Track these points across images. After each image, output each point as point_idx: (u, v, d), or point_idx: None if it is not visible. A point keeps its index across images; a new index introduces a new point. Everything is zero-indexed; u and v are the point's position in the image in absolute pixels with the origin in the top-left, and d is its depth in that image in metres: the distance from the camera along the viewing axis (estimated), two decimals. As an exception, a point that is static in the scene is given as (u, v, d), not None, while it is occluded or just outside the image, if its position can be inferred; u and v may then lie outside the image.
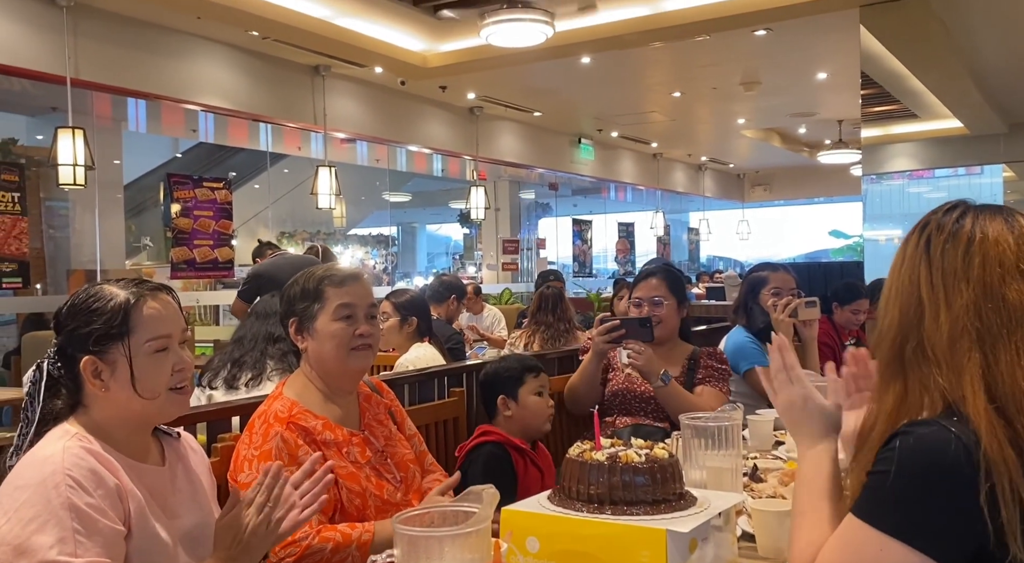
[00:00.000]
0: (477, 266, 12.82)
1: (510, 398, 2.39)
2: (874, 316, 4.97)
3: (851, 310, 3.96)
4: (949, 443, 1.00)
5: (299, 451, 1.67)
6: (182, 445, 1.52)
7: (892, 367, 1.12)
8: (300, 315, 1.81)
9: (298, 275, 1.88)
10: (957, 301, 1.09)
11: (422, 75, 7.55)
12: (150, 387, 1.35)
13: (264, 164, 9.31)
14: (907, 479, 1.02)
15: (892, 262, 1.19)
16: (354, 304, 1.81)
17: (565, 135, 11.08)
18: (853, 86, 6.46)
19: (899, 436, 1.04)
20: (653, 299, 2.75)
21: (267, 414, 1.74)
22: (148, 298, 1.38)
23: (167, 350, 1.38)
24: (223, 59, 6.79)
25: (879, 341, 1.16)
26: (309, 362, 1.82)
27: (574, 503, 1.37)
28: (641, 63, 7.91)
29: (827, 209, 17.12)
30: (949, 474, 0.99)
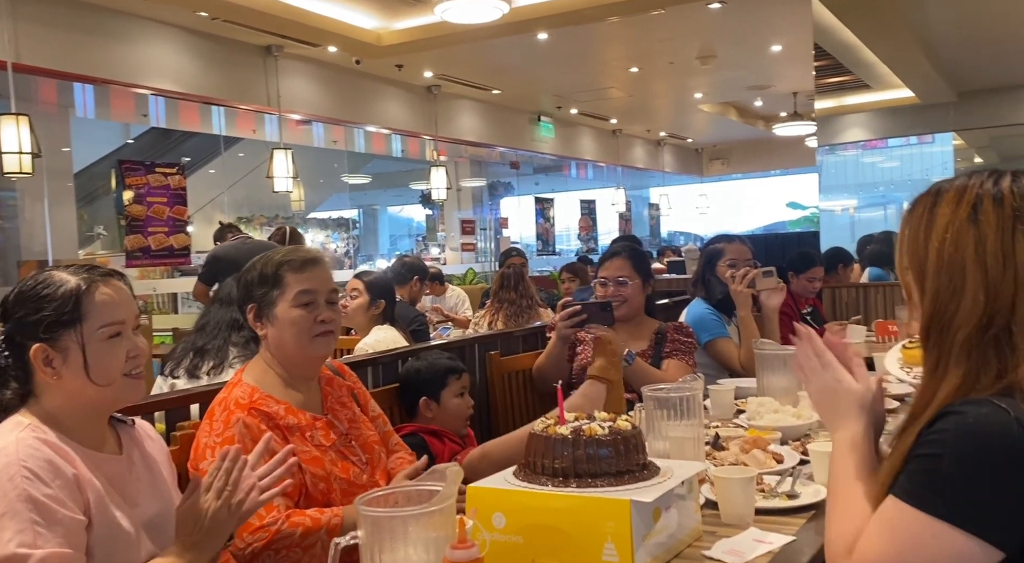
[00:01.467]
0: (441, 247, 12.76)
1: (432, 400, 2.36)
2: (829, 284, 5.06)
3: (806, 278, 4.02)
4: (1010, 424, 0.95)
5: (262, 436, 1.65)
6: (138, 433, 1.50)
7: (959, 354, 1.03)
8: (259, 301, 1.78)
9: (255, 260, 1.83)
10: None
11: (377, 54, 7.44)
12: (104, 374, 1.33)
13: (218, 148, 9.14)
14: (964, 462, 0.96)
15: (954, 238, 1.06)
16: (315, 290, 1.77)
17: (525, 113, 11.03)
18: (806, 58, 6.52)
19: (949, 416, 0.99)
20: (618, 279, 2.78)
21: (227, 401, 1.71)
22: (100, 284, 1.35)
23: (120, 336, 1.36)
24: (172, 41, 6.62)
25: (949, 323, 1.05)
26: (269, 348, 1.79)
27: (539, 477, 1.38)
28: (598, 38, 7.89)
29: (784, 181, 17.33)
30: (1010, 456, 0.94)
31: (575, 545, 1.30)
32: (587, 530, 1.29)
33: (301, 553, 1.56)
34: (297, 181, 7.85)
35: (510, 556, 1.33)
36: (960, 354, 1.04)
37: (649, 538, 1.30)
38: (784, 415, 2.17)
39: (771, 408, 2.22)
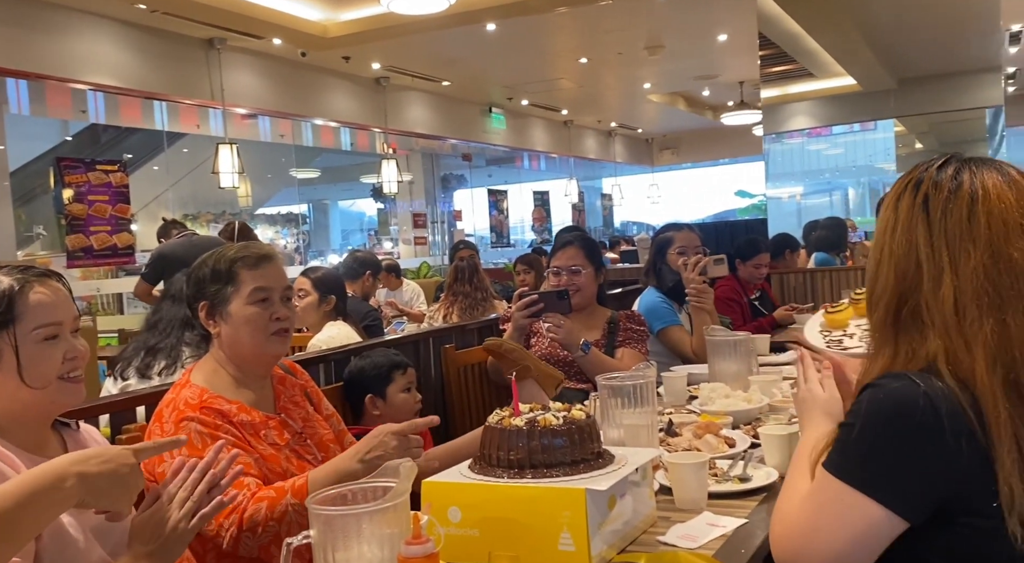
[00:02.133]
0: (394, 241, 12.66)
1: (378, 397, 2.33)
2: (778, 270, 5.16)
3: (753, 265, 4.10)
4: (917, 398, 0.99)
5: (219, 431, 1.62)
6: (83, 437, 1.45)
7: (885, 330, 1.09)
8: (212, 298, 1.73)
9: (206, 256, 1.78)
10: (965, 265, 1.04)
11: (323, 46, 7.33)
12: (39, 376, 1.29)
13: (161, 144, 8.92)
14: (871, 431, 1.01)
15: (880, 222, 1.13)
16: (270, 287, 1.73)
17: (476, 105, 10.99)
18: (752, 47, 6.61)
19: (869, 388, 1.04)
20: (571, 268, 2.78)
21: (175, 402, 1.66)
22: (35, 284, 1.31)
23: (57, 338, 1.32)
24: (110, 35, 6.43)
25: (873, 303, 1.11)
26: (222, 347, 1.75)
27: (495, 470, 1.38)
28: (547, 29, 7.89)
29: (732, 170, 17.59)
30: (914, 429, 0.98)
31: (531, 536, 1.30)
32: (543, 520, 1.29)
33: (278, 526, 1.51)
34: (244, 176, 7.70)
35: (466, 550, 1.32)
36: (884, 333, 1.09)
37: (605, 526, 1.31)
38: (735, 400, 2.21)
39: (722, 393, 2.25)
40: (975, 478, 0.99)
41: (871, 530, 1.01)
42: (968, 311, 1.03)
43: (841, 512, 1.02)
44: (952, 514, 1.00)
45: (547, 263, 2.94)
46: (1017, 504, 0.97)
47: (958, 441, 0.98)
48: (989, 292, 1.03)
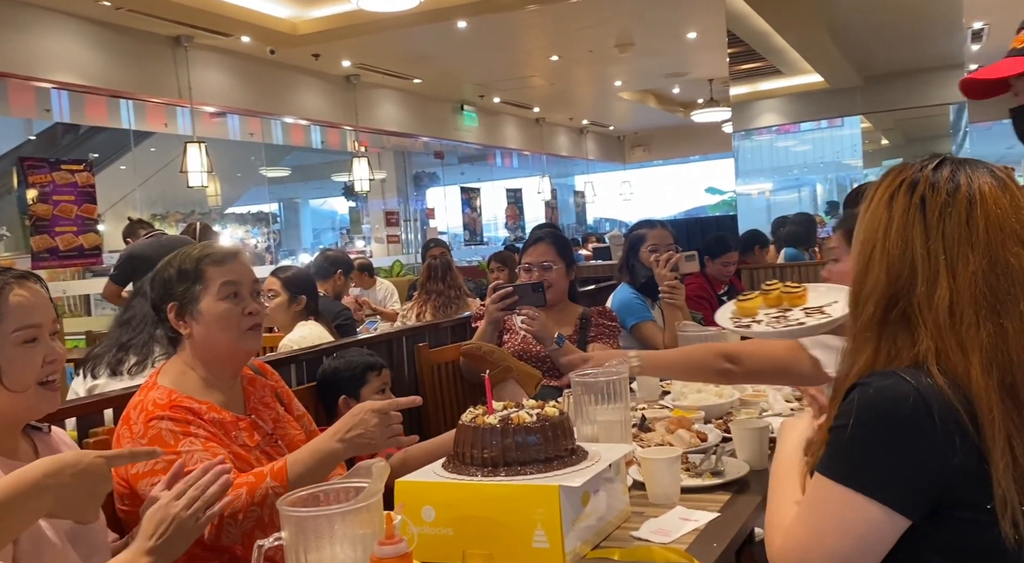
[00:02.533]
0: (366, 240, 12.59)
1: (352, 398, 2.30)
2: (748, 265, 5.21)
3: (721, 262, 4.13)
4: (908, 395, 0.99)
5: (190, 426, 1.60)
6: (54, 440, 1.43)
7: (869, 329, 1.08)
8: (180, 298, 1.70)
9: (170, 257, 1.76)
10: (963, 269, 1.03)
11: (292, 43, 7.27)
12: (18, 380, 1.27)
13: (128, 143, 8.79)
14: (864, 430, 1.00)
15: (871, 219, 1.11)
16: (239, 281, 1.71)
17: (447, 102, 10.96)
18: (721, 45, 6.66)
19: (857, 387, 1.03)
20: (543, 264, 2.80)
21: (143, 403, 1.64)
22: (14, 286, 1.29)
23: (36, 341, 1.30)
24: (74, 32, 6.32)
25: (860, 301, 1.10)
26: (193, 348, 1.72)
27: (468, 468, 1.37)
28: (518, 27, 7.89)
29: (703, 166, 17.71)
30: (906, 425, 0.98)
31: (505, 533, 1.30)
32: (517, 518, 1.29)
33: (260, 510, 1.50)
34: (213, 175, 7.61)
35: (440, 549, 1.32)
36: (868, 331, 1.08)
37: (579, 522, 1.31)
38: (707, 395, 2.22)
39: (694, 388, 2.27)
40: (970, 474, 0.99)
41: (873, 531, 1.00)
42: (965, 315, 1.03)
43: (842, 515, 1.00)
44: (950, 509, 1.01)
45: (519, 260, 2.92)
46: (1010, 507, 0.97)
47: (950, 437, 0.98)
48: (987, 297, 1.03)
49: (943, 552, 1.01)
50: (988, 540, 0.99)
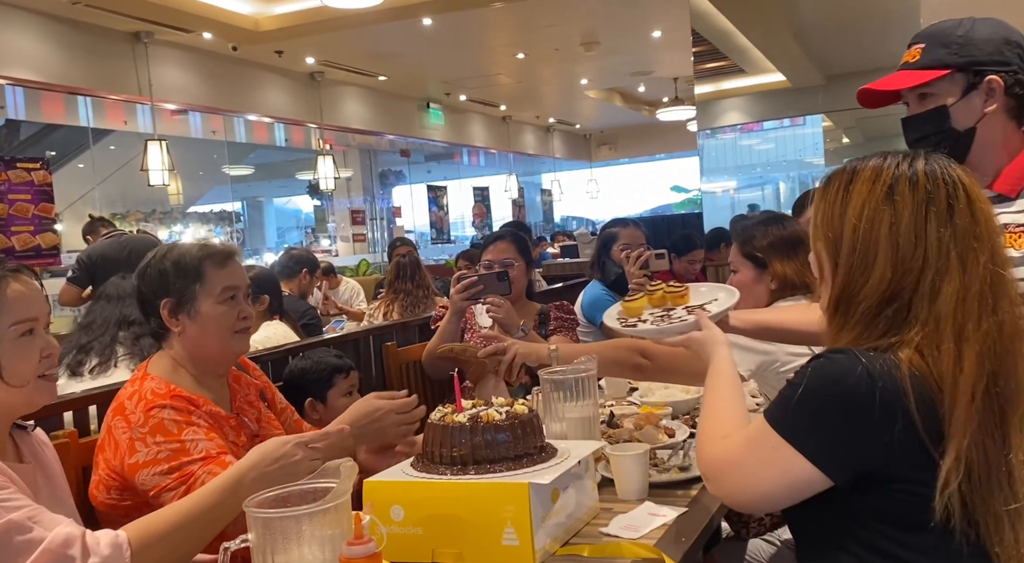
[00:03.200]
0: (331, 239, 12.48)
1: (318, 401, 2.28)
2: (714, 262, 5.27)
3: (687, 260, 4.18)
4: (855, 368, 1.05)
5: (192, 416, 1.58)
6: (35, 439, 1.40)
7: (861, 319, 1.11)
8: (178, 295, 1.67)
9: (163, 250, 1.73)
10: (973, 263, 1.06)
11: (255, 39, 7.18)
12: (18, 374, 1.25)
13: (86, 141, 8.61)
14: (808, 394, 1.08)
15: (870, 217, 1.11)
16: (238, 285, 1.71)
17: (413, 100, 10.91)
18: (685, 44, 6.71)
19: (817, 358, 1.11)
20: (504, 261, 2.81)
21: (140, 393, 1.60)
22: (10, 279, 1.27)
23: (33, 333, 1.28)
24: (29, 27, 6.17)
25: (854, 294, 1.11)
26: (184, 345, 1.69)
27: (438, 467, 1.37)
28: (483, 24, 7.88)
29: (668, 165, 17.86)
30: (847, 398, 1.05)
31: (475, 531, 1.29)
32: (487, 516, 1.29)
33: None
34: (174, 174, 7.50)
35: (410, 548, 1.31)
36: (858, 322, 1.12)
37: (548, 519, 1.31)
38: (674, 391, 2.24)
39: (661, 384, 2.28)
40: (904, 455, 1.05)
41: (798, 481, 1.09)
42: (970, 308, 1.06)
43: (775, 461, 1.10)
44: (880, 482, 1.07)
45: (480, 258, 2.95)
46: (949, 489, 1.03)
47: (890, 418, 1.03)
48: (991, 290, 1.07)
49: (875, 517, 1.09)
50: (915, 514, 1.06)
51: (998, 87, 1.54)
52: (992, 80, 1.54)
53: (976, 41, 1.56)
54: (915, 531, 1.07)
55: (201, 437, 1.55)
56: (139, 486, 1.51)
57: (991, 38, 1.56)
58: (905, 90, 1.61)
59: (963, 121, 1.57)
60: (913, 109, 1.63)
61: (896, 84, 1.61)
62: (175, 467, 1.50)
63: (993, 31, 1.57)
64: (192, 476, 1.49)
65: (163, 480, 1.49)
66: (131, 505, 1.55)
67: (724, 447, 1.18)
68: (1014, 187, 1.58)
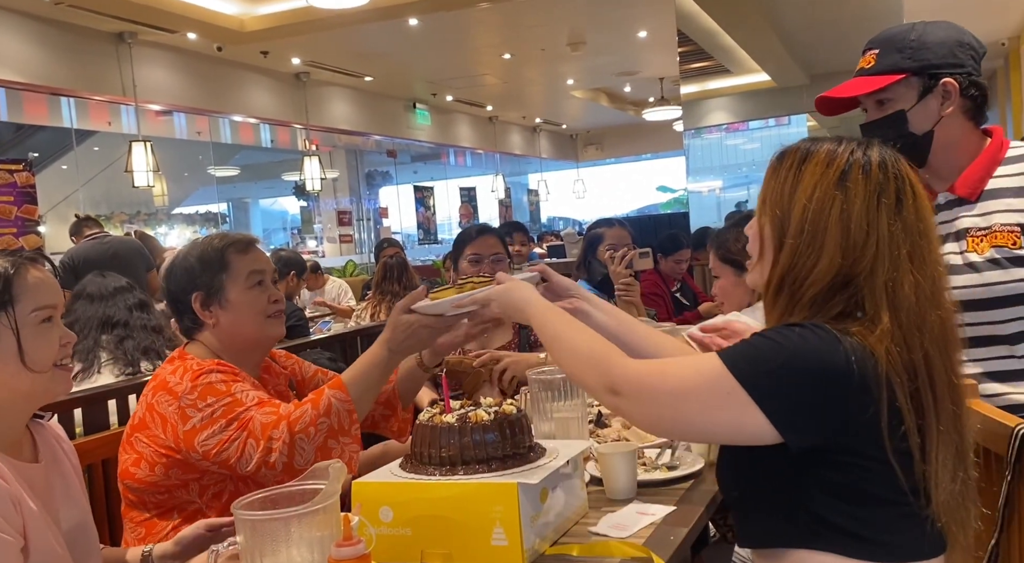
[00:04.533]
0: (318, 239, 12.44)
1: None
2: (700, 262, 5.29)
3: (674, 260, 4.20)
4: (837, 346, 1.03)
5: (237, 377, 1.61)
6: (50, 431, 1.40)
7: (808, 306, 1.10)
8: (206, 287, 1.68)
9: (188, 247, 1.76)
10: (923, 259, 1.09)
11: (240, 40, 7.15)
12: (39, 360, 1.25)
13: (70, 142, 8.54)
14: (789, 359, 1.03)
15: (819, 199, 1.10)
16: (264, 269, 1.74)
17: (399, 100, 10.89)
18: (671, 44, 6.75)
19: (799, 326, 1.06)
20: (494, 255, 2.72)
21: (186, 367, 1.61)
22: (29, 266, 1.28)
23: (52, 321, 1.29)
24: (12, 28, 6.12)
25: (796, 281, 1.11)
26: (219, 337, 1.70)
27: (426, 468, 1.36)
28: (469, 24, 7.87)
29: (654, 165, 17.92)
30: (829, 370, 1.02)
31: (464, 532, 1.29)
32: (475, 516, 1.29)
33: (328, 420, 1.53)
34: (159, 175, 7.45)
35: (399, 549, 1.31)
36: (808, 304, 1.10)
37: (537, 519, 1.31)
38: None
39: (650, 383, 2.29)
40: (864, 435, 1.04)
41: (746, 430, 1.06)
42: (922, 301, 1.07)
43: (727, 406, 1.05)
44: (833, 452, 1.06)
45: (461, 252, 2.76)
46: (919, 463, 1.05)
47: (861, 400, 1.03)
48: (935, 285, 1.08)
49: (819, 490, 1.07)
50: (867, 487, 1.05)
51: (953, 89, 1.56)
52: (947, 82, 1.55)
53: (929, 44, 1.57)
54: (865, 504, 1.06)
55: (249, 389, 1.59)
56: (198, 450, 1.52)
57: (944, 41, 1.57)
58: (862, 96, 1.62)
59: (921, 125, 1.59)
60: (872, 115, 1.65)
61: (852, 90, 1.63)
62: (232, 418, 1.53)
63: (946, 34, 1.59)
64: (250, 420, 1.52)
65: (223, 434, 1.52)
66: (177, 483, 1.57)
67: (653, 372, 1.12)
68: (974, 190, 1.61)
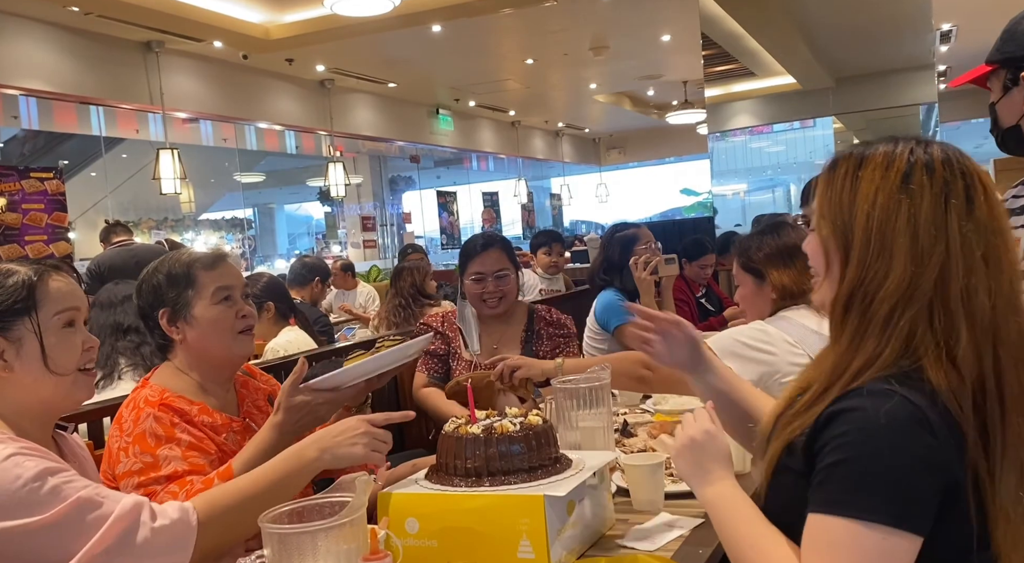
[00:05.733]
0: (342, 245, 12.51)
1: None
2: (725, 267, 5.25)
3: (699, 265, 4.16)
4: (904, 407, 0.91)
5: (175, 430, 1.56)
6: (71, 442, 1.42)
7: (884, 323, 0.98)
8: (172, 304, 1.68)
9: (157, 263, 1.75)
10: (997, 261, 0.98)
11: (265, 48, 7.21)
12: (63, 363, 1.29)
13: (99, 150, 8.68)
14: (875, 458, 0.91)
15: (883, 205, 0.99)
16: (231, 285, 1.71)
17: (423, 106, 10.93)
18: (695, 47, 6.70)
19: (846, 412, 0.94)
20: (498, 273, 2.57)
21: (135, 401, 1.62)
22: (52, 273, 1.33)
23: (74, 326, 1.33)
24: (42, 39, 6.22)
25: (865, 298, 0.99)
26: (187, 353, 1.70)
27: (452, 479, 1.36)
28: (493, 30, 7.89)
29: (678, 168, 17.82)
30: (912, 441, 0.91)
31: (490, 544, 1.28)
32: (502, 528, 1.28)
33: None
34: (186, 182, 7.53)
35: (425, 561, 1.30)
36: (880, 327, 0.98)
37: (564, 531, 1.30)
38: (688, 398, 2.22)
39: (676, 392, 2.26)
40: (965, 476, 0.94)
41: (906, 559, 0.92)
42: (999, 309, 0.96)
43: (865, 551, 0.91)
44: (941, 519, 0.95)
45: (465, 268, 2.62)
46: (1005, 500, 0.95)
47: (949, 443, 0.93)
48: (1015, 292, 0.98)
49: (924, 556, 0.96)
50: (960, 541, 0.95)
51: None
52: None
53: (1017, 35, 1.46)
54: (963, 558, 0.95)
55: (176, 454, 1.52)
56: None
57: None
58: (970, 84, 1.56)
59: (1007, 118, 1.50)
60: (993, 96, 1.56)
61: (966, 77, 1.55)
62: (143, 482, 1.50)
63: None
64: (153, 494, 1.47)
65: (133, 491, 1.48)
66: None
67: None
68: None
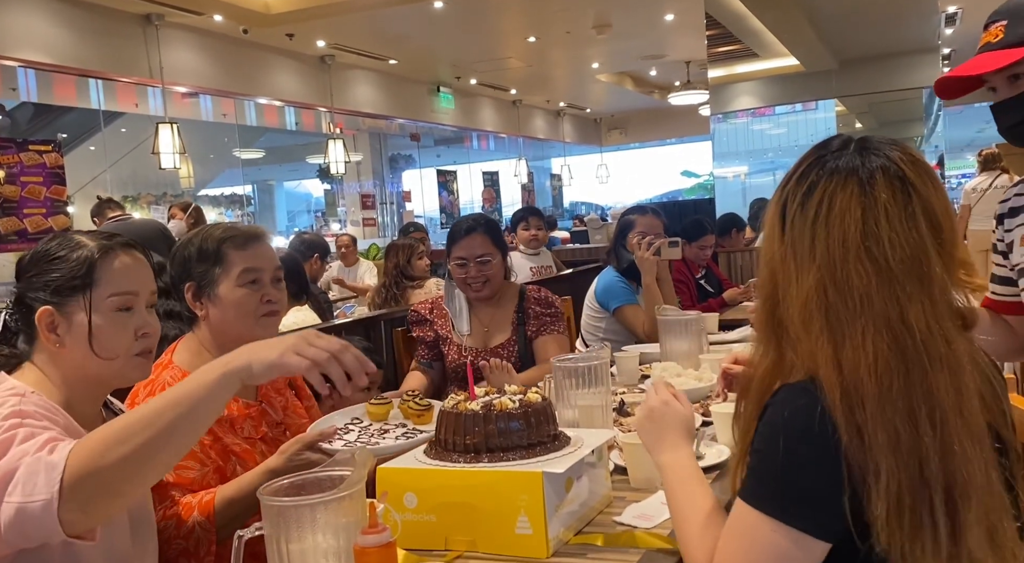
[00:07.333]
0: (341, 223, 12.49)
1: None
2: (724, 249, 5.24)
3: (698, 246, 4.15)
4: (815, 408, 0.95)
5: None
6: None
7: (765, 329, 1.06)
8: (199, 279, 1.66)
9: (191, 235, 1.73)
10: (805, 280, 1.00)
11: (266, 22, 7.16)
12: (108, 347, 1.26)
13: (98, 124, 8.63)
14: (780, 455, 0.95)
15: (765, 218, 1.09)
16: (260, 268, 1.68)
17: (423, 83, 10.87)
18: (698, 27, 6.66)
19: (771, 407, 0.99)
20: (480, 258, 2.53)
21: (154, 384, 1.60)
22: (118, 251, 1.29)
23: (131, 310, 1.29)
24: (41, 10, 6.17)
25: (758, 301, 1.09)
26: (209, 329, 1.68)
27: (451, 454, 1.37)
28: (495, 7, 7.82)
29: (679, 149, 17.76)
30: (815, 442, 0.94)
31: (488, 519, 1.29)
32: (500, 504, 1.29)
33: (185, 543, 1.46)
34: (185, 157, 7.50)
35: (423, 535, 1.31)
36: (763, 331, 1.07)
37: (562, 508, 1.31)
38: (686, 378, 2.23)
39: (674, 372, 2.27)
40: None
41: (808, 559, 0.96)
42: (810, 327, 0.99)
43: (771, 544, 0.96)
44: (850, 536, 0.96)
45: (448, 254, 2.60)
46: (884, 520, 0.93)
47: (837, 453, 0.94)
48: (826, 311, 0.98)
49: None
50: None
51: None
52: None
53: None
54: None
55: None
56: None
57: None
58: (990, 74, 1.45)
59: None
60: (1003, 93, 1.48)
61: (982, 67, 1.44)
62: None
63: None
64: None
65: None
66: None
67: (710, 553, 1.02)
68: None
